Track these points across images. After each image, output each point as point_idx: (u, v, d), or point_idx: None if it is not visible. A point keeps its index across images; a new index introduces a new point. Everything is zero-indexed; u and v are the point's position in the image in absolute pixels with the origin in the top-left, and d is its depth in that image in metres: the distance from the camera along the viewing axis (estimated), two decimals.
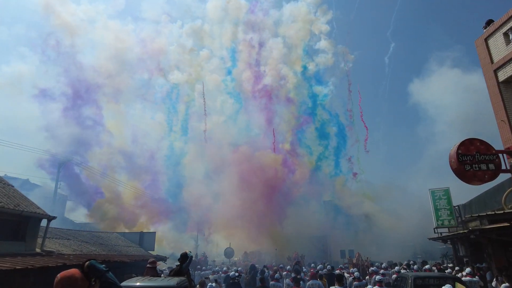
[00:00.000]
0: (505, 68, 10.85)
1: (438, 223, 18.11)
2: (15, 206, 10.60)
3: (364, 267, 18.30)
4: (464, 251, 15.58)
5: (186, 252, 9.29)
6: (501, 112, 10.89)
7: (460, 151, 10.48)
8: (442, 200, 18.19)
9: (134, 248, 19.76)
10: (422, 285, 9.50)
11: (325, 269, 15.50)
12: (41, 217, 11.72)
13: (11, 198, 11.08)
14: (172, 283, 7.13)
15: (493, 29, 11.40)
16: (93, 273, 2.59)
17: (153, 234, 22.67)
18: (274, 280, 11.17)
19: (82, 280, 2.48)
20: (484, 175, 10.27)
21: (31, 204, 11.73)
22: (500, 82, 11.06)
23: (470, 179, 10.33)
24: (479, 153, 10.43)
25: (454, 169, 10.62)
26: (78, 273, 2.49)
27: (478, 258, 14.39)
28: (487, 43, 11.71)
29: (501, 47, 11.03)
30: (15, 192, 12.01)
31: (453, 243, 18.42)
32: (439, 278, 9.99)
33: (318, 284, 10.39)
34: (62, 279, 2.43)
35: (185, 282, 7.74)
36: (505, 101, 10.86)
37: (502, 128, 10.89)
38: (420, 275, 10.62)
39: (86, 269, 2.58)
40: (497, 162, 10.36)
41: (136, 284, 6.90)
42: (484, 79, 11.75)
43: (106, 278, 2.62)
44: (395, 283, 11.53)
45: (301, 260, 21.53)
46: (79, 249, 14.17)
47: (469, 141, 10.66)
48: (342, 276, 9.58)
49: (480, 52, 11.97)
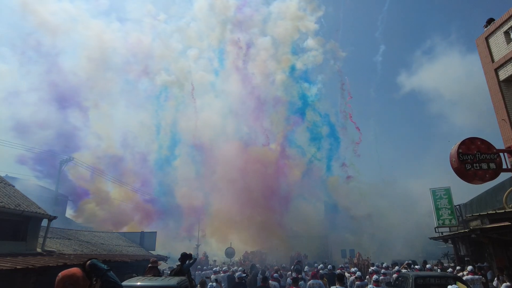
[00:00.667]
0: (506, 67, 10.83)
1: (439, 222, 18.10)
2: (16, 206, 10.61)
3: (365, 266, 18.29)
4: (465, 250, 15.55)
5: (186, 252, 9.33)
6: (502, 111, 10.88)
7: (460, 150, 10.48)
8: (443, 199, 18.18)
9: (134, 248, 19.79)
10: (423, 285, 9.49)
11: (326, 269, 15.50)
12: (42, 217, 11.74)
13: (11, 198, 11.09)
14: (172, 282, 7.14)
15: (493, 28, 11.38)
16: (94, 272, 2.59)
17: (154, 233, 22.68)
18: (272, 279, 11.18)
19: (84, 279, 2.49)
20: (485, 174, 10.27)
21: (32, 204, 11.74)
22: (501, 81, 11.04)
23: (471, 179, 10.33)
24: (480, 152, 10.43)
25: (455, 168, 10.62)
26: (79, 272, 2.50)
27: (479, 258, 14.36)
28: (488, 42, 11.69)
29: (502, 46, 11.00)
30: (15, 192, 12.03)
31: (454, 242, 18.40)
32: (440, 278, 10.00)
33: (319, 284, 10.40)
34: (63, 278, 2.43)
35: (185, 281, 7.75)
36: (506, 100, 10.84)
37: (503, 127, 10.87)
38: (421, 275, 10.61)
39: (88, 268, 2.58)
40: (498, 161, 10.36)
41: (137, 284, 6.91)
42: (485, 78, 11.73)
43: (107, 277, 2.62)
44: (396, 282, 11.53)
45: (302, 260, 21.55)
46: (80, 249, 14.18)
47: (470, 140, 10.66)
48: (343, 275, 9.59)
49: (481, 51, 11.95)
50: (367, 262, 19.24)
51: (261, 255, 27.23)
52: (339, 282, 8.65)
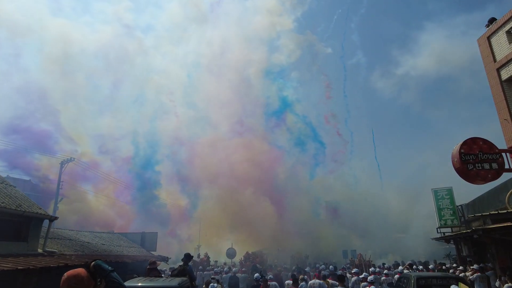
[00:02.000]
0: (508, 66, 10.81)
1: (441, 222, 18.05)
2: (17, 207, 10.60)
3: (366, 267, 18.29)
4: (467, 251, 15.50)
5: (190, 253, 9.33)
6: (504, 111, 10.85)
7: (462, 150, 10.45)
8: (445, 199, 18.13)
9: (135, 249, 19.77)
10: (425, 285, 9.46)
11: (327, 270, 15.52)
12: (43, 217, 11.73)
13: (13, 199, 11.08)
14: (173, 283, 7.12)
15: (495, 28, 11.35)
16: (99, 273, 2.60)
17: (155, 234, 22.65)
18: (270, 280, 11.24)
19: (88, 280, 2.50)
20: (487, 175, 10.23)
21: (33, 205, 11.73)
22: (503, 80, 11.01)
23: (473, 179, 10.30)
24: (482, 152, 10.40)
25: (456, 168, 10.59)
26: (84, 273, 2.51)
27: (482, 258, 14.32)
28: (490, 42, 11.67)
29: (504, 46, 10.98)
30: (17, 193, 12.01)
31: (456, 243, 18.35)
32: (442, 278, 9.97)
33: (319, 283, 10.41)
34: (69, 278, 2.44)
35: (186, 282, 7.73)
36: (508, 100, 10.81)
37: (505, 127, 10.85)
38: (423, 275, 10.59)
39: (92, 268, 2.60)
40: (500, 161, 10.32)
41: (138, 284, 6.89)
42: (487, 78, 11.71)
43: (111, 277, 2.64)
44: (398, 283, 11.51)
45: (305, 260, 21.67)
46: (81, 249, 14.16)
47: (472, 140, 10.63)
48: (343, 276, 9.64)
49: (483, 51, 11.93)
50: (368, 263, 19.23)
51: (262, 255, 27.18)
52: (340, 282, 8.73)
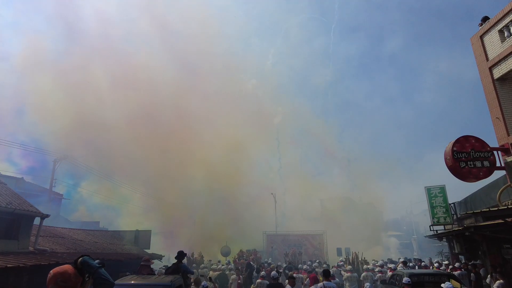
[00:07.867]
0: (500, 65, 10.89)
1: (434, 220, 18.18)
2: (7, 204, 10.44)
3: (360, 265, 18.45)
4: (459, 248, 15.63)
5: (183, 251, 9.28)
6: (496, 110, 10.94)
7: (455, 148, 10.55)
8: (438, 197, 18.26)
9: (129, 247, 19.63)
10: (417, 282, 9.54)
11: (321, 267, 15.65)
12: (34, 215, 11.58)
13: (3, 196, 10.92)
14: (166, 281, 7.08)
15: (488, 26, 11.42)
16: (86, 269, 2.55)
17: (149, 232, 22.49)
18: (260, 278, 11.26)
19: (76, 276, 2.44)
20: (479, 172, 10.35)
21: (23, 202, 11.57)
22: (495, 79, 11.10)
23: (465, 176, 10.41)
24: (474, 151, 10.51)
25: (449, 166, 10.69)
26: (71, 269, 2.45)
27: (473, 255, 14.47)
28: (483, 41, 11.74)
29: (497, 44, 11.05)
30: (7, 190, 11.85)
31: (448, 240, 18.51)
32: (434, 275, 10.07)
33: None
34: (55, 275, 2.38)
35: (179, 280, 7.69)
36: (500, 98, 10.90)
37: (496, 126, 10.94)
38: (415, 272, 10.68)
39: (79, 265, 2.54)
40: (492, 159, 10.45)
41: (130, 282, 6.83)
42: (479, 77, 11.79)
43: (99, 274, 2.58)
44: (391, 280, 11.60)
45: (298, 256, 21.75)
46: (73, 247, 14.02)
47: (464, 139, 10.75)
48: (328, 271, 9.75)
49: (476, 50, 12.00)
50: (362, 260, 19.37)
51: (256, 253, 27.20)
52: (325, 277, 8.81)
